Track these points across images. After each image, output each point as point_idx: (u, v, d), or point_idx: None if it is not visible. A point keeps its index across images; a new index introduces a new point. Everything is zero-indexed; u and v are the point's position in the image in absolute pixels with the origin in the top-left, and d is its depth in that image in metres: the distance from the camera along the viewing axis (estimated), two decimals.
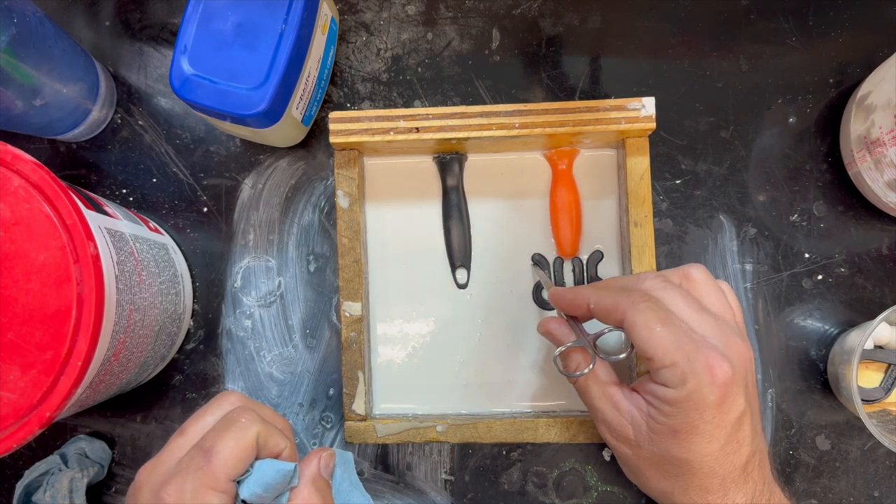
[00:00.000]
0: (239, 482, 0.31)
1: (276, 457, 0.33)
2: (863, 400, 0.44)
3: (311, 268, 0.49)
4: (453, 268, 0.47)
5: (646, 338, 0.35)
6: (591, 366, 0.39)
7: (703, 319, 0.36)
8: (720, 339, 0.35)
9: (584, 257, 0.47)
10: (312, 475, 0.33)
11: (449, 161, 0.47)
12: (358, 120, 0.43)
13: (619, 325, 0.36)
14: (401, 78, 0.50)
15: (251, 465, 0.32)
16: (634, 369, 0.45)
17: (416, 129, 0.43)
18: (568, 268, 0.47)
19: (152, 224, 0.47)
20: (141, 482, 0.32)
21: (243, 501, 0.31)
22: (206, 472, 0.30)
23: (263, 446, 0.32)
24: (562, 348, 0.40)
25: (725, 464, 0.35)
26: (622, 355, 0.38)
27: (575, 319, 0.41)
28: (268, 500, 0.32)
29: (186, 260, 0.49)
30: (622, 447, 0.38)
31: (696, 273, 0.38)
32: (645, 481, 0.38)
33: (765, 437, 0.37)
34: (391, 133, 0.43)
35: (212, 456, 0.30)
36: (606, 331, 0.39)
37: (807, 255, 0.48)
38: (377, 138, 0.43)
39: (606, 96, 0.49)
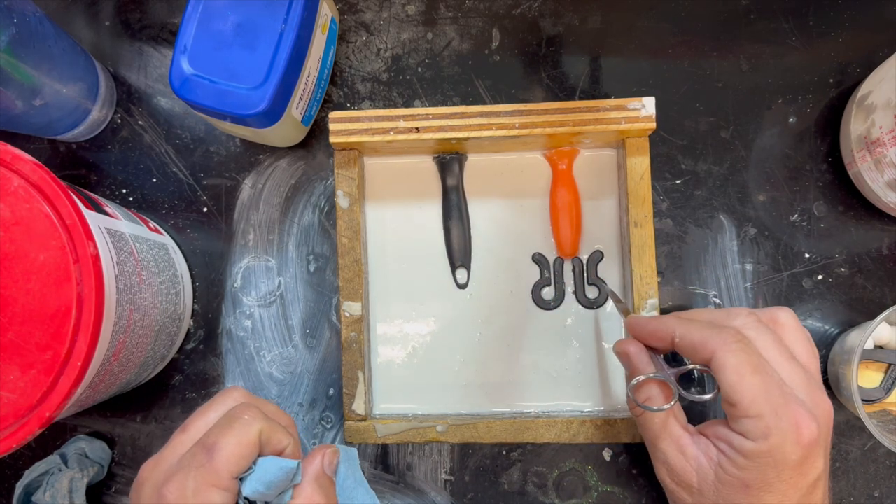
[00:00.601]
0: (241, 479, 0.31)
1: (280, 454, 0.32)
2: (863, 400, 0.44)
3: (311, 268, 0.49)
4: (453, 268, 0.47)
5: (734, 382, 0.32)
6: (671, 403, 0.36)
7: (794, 370, 0.34)
8: (808, 394, 0.33)
9: (584, 257, 0.47)
10: (316, 473, 0.33)
11: (449, 161, 0.47)
12: (358, 120, 0.43)
13: (705, 364, 0.34)
14: (401, 78, 0.50)
15: (254, 463, 0.31)
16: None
17: (416, 129, 0.43)
18: (568, 268, 0.47)
19: (152, 224, 0.47)
20: (143, 479, 0.32)
21: (246, 499, 0.31)
22: (208, 469, 0.30)
23: (266, 443, 0.32)
24: (641, 377, 0.37)
25: None
26: (707, 396, 0.36)
27: (654, 350, 0.38)
28: (270, 497, 0.32)
29: (186, 260, 0.49)
30: (681, 493, 0.36)
31: (785, 317, 0.36)
32: None
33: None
34: (391, 133, 0.43)
35: (214, 453, 0.30)
36: (690, 367, 0.36)
37: (807, 255, 0.48)
38: (377, 138, 0.43)
39: (606, 96, 0.49)
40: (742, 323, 0.35)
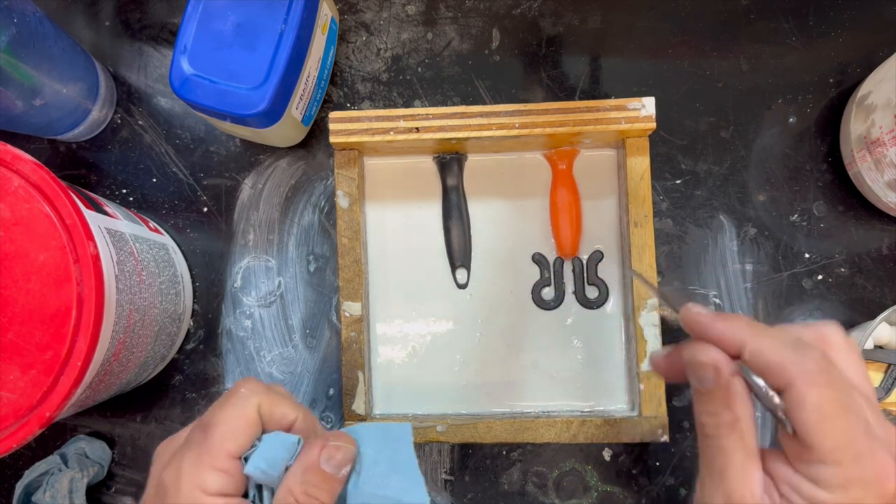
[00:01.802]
0: (246, 459, 0.28)
1: (287, 429, 0.30)
2: None
3: (311, 268, 0.49)
4: (453, 268, 0.47)
5: (814, 423, 0.26)
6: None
7: (876, 409, 0.28)
8: (884, 433, 0.28)
9: (584, 257, 0.47)
10: (306, 464, 0.29)
11: (449, 161, 0.47)
12: (358, 120, 0.43)
13: (779, 389, 0.28)
14: (401, 78, 0.50)
15: (258, 439, 0.29)
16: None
17: (416, 129, 0.43)
18: (568, 268, 0.47)
19: (152, 224, 0.47)
20: (154, 460, 0.30)
21: (258, 489, 0.29)
22: (203, 448, 0.27)
23: (269, 418, 0.29)
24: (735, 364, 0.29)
25: None
26: (788, 427, 0.28)
27: None
28: (275, 478, 0.29)
29: (186, 260, 0.49)
30: None
31: (836, 337, 0.29)
32: None
33: None
34: (391, 133, 0.43)
35: (209, 430, 0.28)
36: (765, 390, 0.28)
37: (807, 255, 0.48)
38: (377, 138, 0.43)
39: (606, 96, 0.49)
40: (835, 344, 0.29)
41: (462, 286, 0.47)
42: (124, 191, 0.50)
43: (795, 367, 0.27)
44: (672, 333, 0.48)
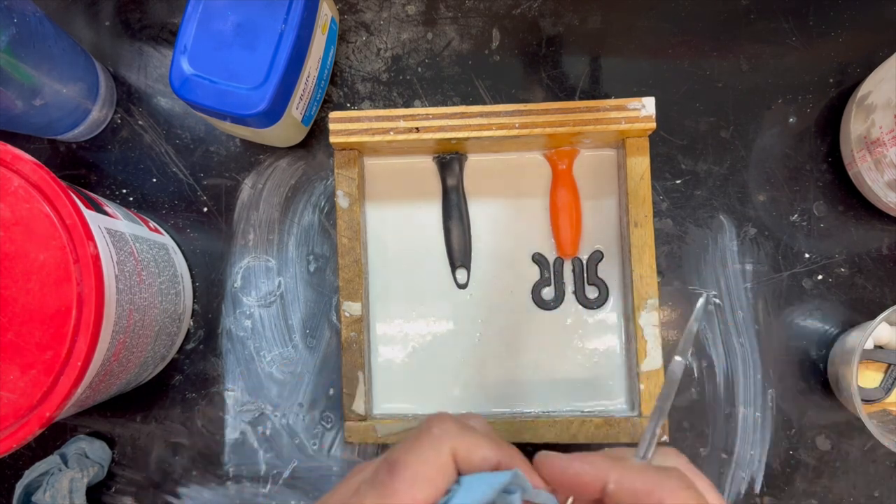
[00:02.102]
0: None
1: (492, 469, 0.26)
2: (863, 400, 0.44)
3: (311, 268, 0.49)
4: (453, 268, 0.47)
5: None
6: None
7: None
8: None
9: (584, 257, 0.47)
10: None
11: (449, 161, 0.47)
12: (358, 120, 0.43)
13: None
14: (401, 78, 0.50)
15: (457, 482, 0.25)
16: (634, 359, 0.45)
17: (416, 129, 0.43)
18: (568, 268, 0.47)
19: (152, 224, 0.47)
20: (350, 474, 0.28)
21: None
22: (388, 490, 0.25)
23: (466, 463, 0.26)
24: None
25: None
26: None
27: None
28: None
29: (186, 260, 0.49)
30: None
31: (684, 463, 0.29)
32: None
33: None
34: (391, 133, 0.43)
35: (395, 472, 0.25)
36: None
37: (807, 255, 0.48)
38: (377, 138, 0.43)
39: (606, 96, 0.49)
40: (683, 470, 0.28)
41: (462, 286, 0.47)
42: (124, 191, 0.50)
43: (663, 489, 0.26)
44: (672, 333, 0.48)
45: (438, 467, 0.25)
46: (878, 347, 0.46)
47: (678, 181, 0.48)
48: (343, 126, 0.43)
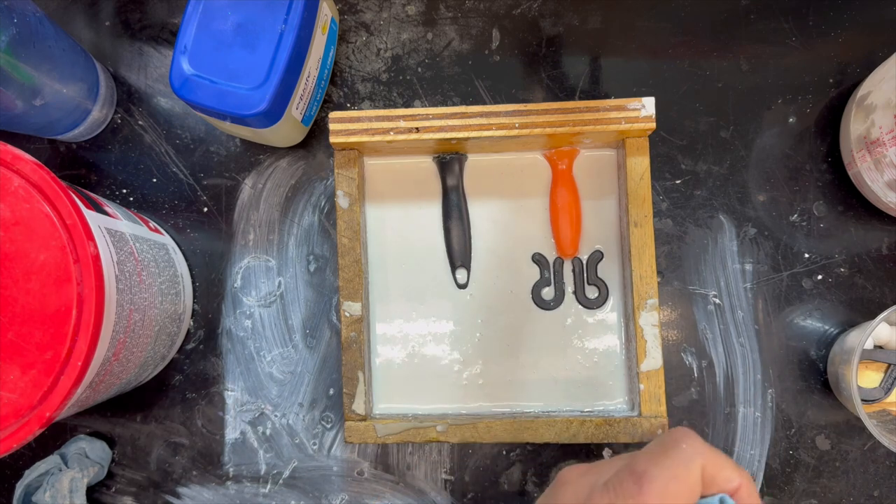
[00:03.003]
0: None
1: (731, 495, 0.26)
2: (863, 400, 0.44)
3: (311, 268, 0.49)
4: (453, 268, 0.47)
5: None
6: None
7: None
8: None
9: (584, 257, 0.47)
10: None
11: (449, 161, 0.47)
12: (358, 120, 0.43)
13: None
14: (401, 78, 0.50)
15: None
16: (634, 362, 0.45)
17: (416, 129, 0.43)
18: (568, 268, 0.47)
19: (152, 224, 0.47)
20: (566, 480, 0.28)
21: None
22: (635, 501, 0.24)
23: (710, 482, 0.25)
24: None
25: None
26: None
27: None
28: None
29: (186, 260, 0.49)
30: None
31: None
32: None
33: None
34: (391, 133, 0.43)
35: (644, 484, 0.24)
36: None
37: (807, 255, 0.48)
38: (377, 138, 0.43)
39: (606, 96, 0.49)
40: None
41: (462, 286, 0.47)
42: (124, 191, 0.50)
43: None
44: (672, 333, 0.48)
45: (689, 485, 0.25)
46: (878, 347, 0.46)
47: (678, 181, 0.48)
48: (343, 126, 0.43)
